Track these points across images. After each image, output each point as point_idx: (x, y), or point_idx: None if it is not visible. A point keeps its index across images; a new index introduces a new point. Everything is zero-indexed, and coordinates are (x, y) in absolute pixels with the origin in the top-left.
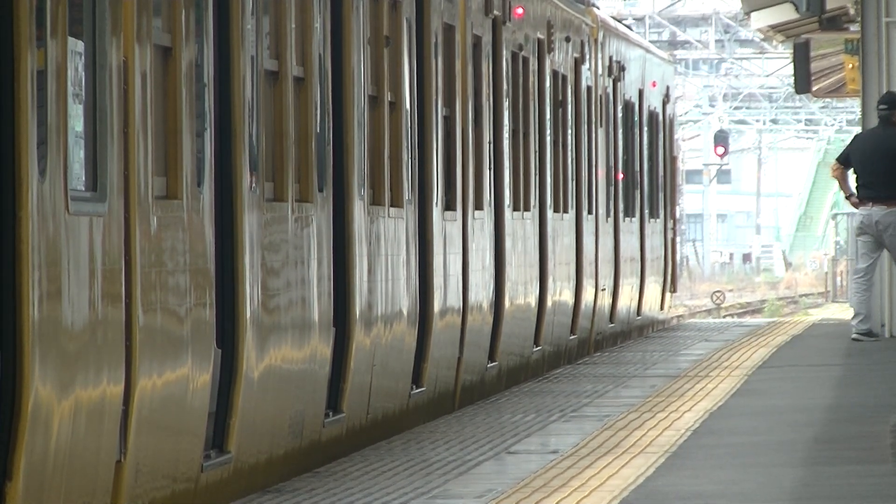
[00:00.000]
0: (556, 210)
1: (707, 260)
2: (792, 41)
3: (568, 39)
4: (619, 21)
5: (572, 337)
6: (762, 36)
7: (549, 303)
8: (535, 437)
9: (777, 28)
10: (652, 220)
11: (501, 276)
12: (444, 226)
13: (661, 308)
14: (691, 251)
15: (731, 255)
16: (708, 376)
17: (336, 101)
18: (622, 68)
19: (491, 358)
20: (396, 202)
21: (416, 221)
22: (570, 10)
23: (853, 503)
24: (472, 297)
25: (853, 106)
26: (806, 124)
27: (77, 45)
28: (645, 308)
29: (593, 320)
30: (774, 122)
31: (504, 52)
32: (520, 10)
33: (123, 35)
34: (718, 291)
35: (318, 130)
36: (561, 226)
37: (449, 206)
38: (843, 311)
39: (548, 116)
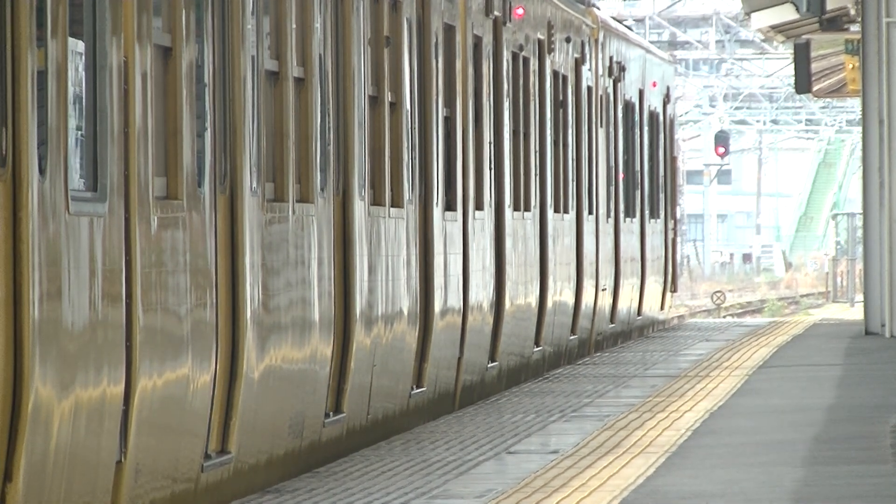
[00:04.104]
0: (556, 210)
1: (707, 260)
2: (792, 41)
3: (568, 40)
4: (620, 22)
5: (573, 337)
6: (763, 36)
7: (549, 303)
8: (535, 437)
9: (777, 28)
10: (652, 220)
11: (502, 277)
12: (445, 226)
13: (662, 308)
14: (692, 251)
15: (732, 255)
16: (708, 376)
17: (337, 102)
18: (622, 69)
19: (491, 358)
20: (397, 202)
21: (416, 221)
22: (571, 11)
23: (853, 503)
24: (473, 297)
25: (853, 106)
26: (806, 124)
27: (77, 45)
28: (645, 308)
29: (594, 320)
30: (775, 122)
31: (504, 53)
32: (520, 11)
33: (123, 35)
34: (719, 291)
35: (319, 131)
36: (561, 226)
37: (449, 206)
38: (843, 311)
39: (548, 117)
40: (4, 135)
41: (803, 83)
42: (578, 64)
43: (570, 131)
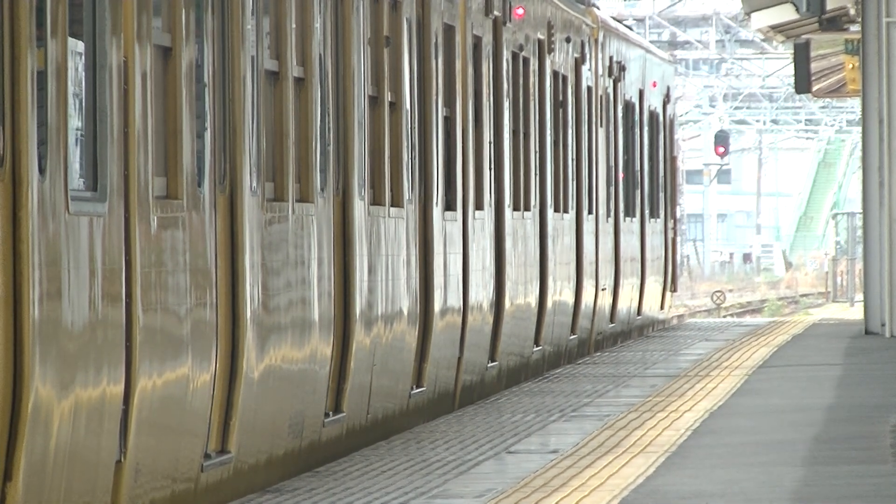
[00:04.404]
0: (556, 210)
1: (707, 260)
2: (792, 41)
3: (568, 40)
4: (620, 21)
5: (572, 337)
6: (762, 36)
7: (549, 303)
8: (535, 437)
9: (777, 28)
10: (652, 219)
11: (502, 276)
12: (445, 226)
13: (662, 308)
14: (692, 251)
15: (732, 254)
16: (708, 376)
17: (337, 102)
18: (622, 68)
19: (491, 358)
20: (397, 202)
21: (416, 221)
22: (571, 11)
23: (853, 503)
24: (473, 296)
25: (853, 106)
26: (806, 124)
27: (77, 45)
28: (645, 308)
29: (593, 320)
30: (775, 122)
31: (504, 53)
32: (520, 11)
33: (123, 35)
34: (719, 291)
35: (319, 131)
36: (561, 226)
37: (449, 205)
38: (843, 311)
39: (548, 116)
40: (3, 135)
41: (803, 83)
42: (578, 64)
43: (570, 131)
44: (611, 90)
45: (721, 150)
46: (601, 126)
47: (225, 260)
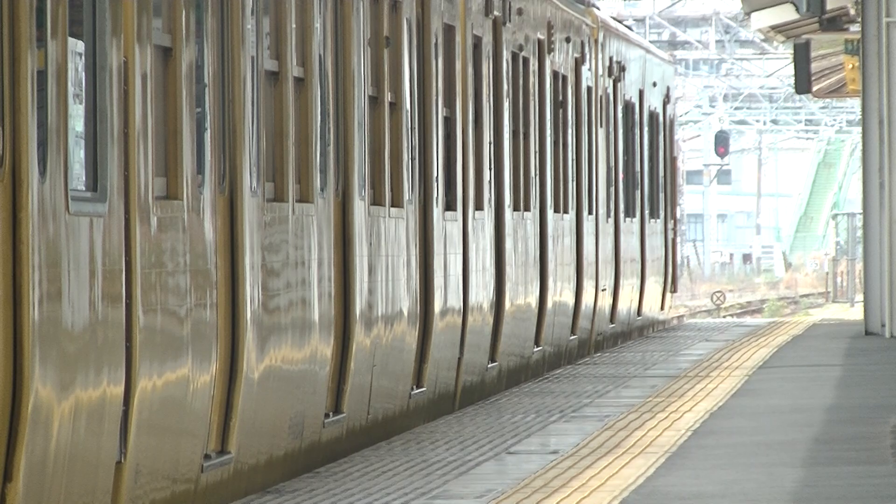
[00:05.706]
0: (556, 210)
1: (707, 260)
2: (792, 41)
3: (568, 40)
4: (620, 21)
5: (573, 337)
6: (762, 36)
7: (549, 303)
8: (535, 438)
9: (777, 28)
10: (652, 220)
11: (502, 277)
12: (445, 226)
13: (662, 308)
14: (692, 251)
15: (732, 255)
16: (708, 376)
17: (337, 102)
18: (622, 69)
19: (491, 358)
20: (397, 202)
21: (416, 221)
22: (571, 11)
23: (853, 503)
24: (473, 297)
25: (853, 106)
26: (806, 124)
27: (77, 46)
28: (645, 308)
29: (594, 321)
30: (775, 122)
31: (504, 53)
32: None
33: (123, 35)
34: (719, 292)
35: (319, 131)
36: (561, 226)
37: (449, 206)
38: (843, 312)
39: (548, 117)
40: (3, 135)
41: (803, 83)
42: (578, 64)
43: (570, 131)
44: (611, 90)
45: (721, 150)
46: (601, 126)
47: (225, 260)
